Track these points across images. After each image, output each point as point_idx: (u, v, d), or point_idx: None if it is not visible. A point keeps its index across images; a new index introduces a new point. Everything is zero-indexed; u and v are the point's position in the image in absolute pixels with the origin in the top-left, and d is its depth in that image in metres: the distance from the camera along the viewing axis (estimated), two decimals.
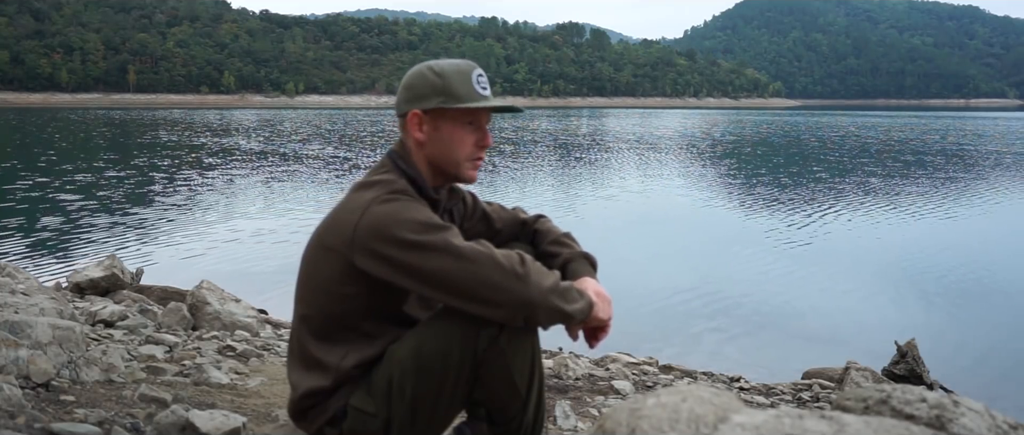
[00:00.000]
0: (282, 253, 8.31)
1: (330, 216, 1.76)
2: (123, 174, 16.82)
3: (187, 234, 9.71)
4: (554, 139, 31.89)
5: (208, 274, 5.04)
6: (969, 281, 7.64)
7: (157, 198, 12.99)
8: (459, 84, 1.75)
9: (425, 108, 1.76)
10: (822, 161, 22.32)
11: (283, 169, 18.41)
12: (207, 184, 15.18)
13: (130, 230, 9.92)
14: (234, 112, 71.46)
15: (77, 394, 2.33)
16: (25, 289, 3.51)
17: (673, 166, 20.83)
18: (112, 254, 5.64)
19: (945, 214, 12.17)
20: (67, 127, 39.29)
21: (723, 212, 12.55)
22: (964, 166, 20.62)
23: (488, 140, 1.82)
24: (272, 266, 7.78)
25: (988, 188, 15.73)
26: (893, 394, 1.15)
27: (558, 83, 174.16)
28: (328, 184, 15.50)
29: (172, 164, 19.35)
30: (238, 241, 9.22)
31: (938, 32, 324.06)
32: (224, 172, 17.55)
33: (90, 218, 10.76)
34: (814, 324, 6.23)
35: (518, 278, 1.61)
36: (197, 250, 8.71)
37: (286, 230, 9.89)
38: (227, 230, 9.96)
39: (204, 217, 11.11)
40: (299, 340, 1.79)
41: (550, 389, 3.38)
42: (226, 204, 12.52)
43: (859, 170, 19.15)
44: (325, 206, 11.24)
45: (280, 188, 14.69)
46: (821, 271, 8.06)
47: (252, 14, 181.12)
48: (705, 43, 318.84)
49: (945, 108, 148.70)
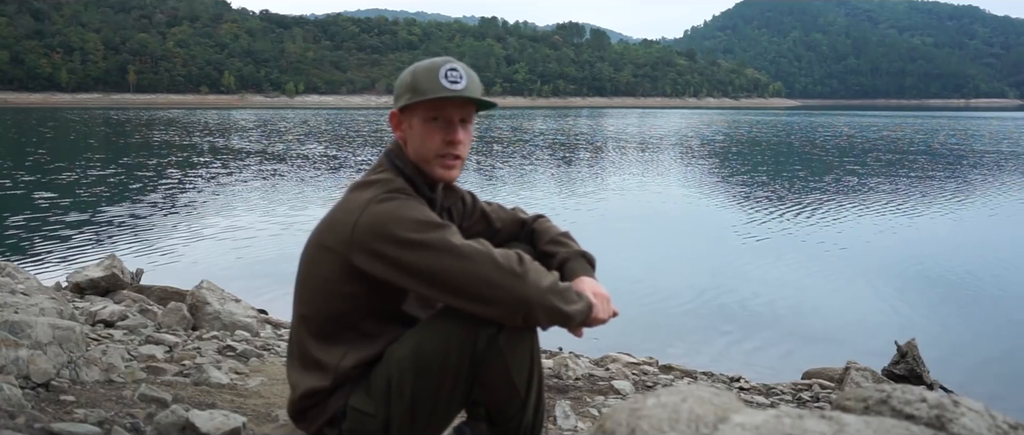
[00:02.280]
0: (282, 253, 8.31)
1: (328, 216, 1.76)
2: (123, 174, 16.82)
3: (187, 234, 9.71)
4: (554, 139, 31.89)
5: (208, 274, 5.03)
6: (969, 281, 7.64)
7: (157, 198, 12.99)
8: (425, 80, 1.73)
9: (400, 106, 1.78)
10: (822, 161, 22.32)
11: (283, 169, 18.41)
12: (207, 184, 15.18)
13: (130, 230, 9.92)
14: (234, 112, 71.45)
15: (77, 394, 2.33)
16: (25, 289, 3.51)
17: (673, 166, 20.82)
18: (112, 254, 5.63)
19: (945, 214, 12.17)
20: (67, 127, 39.29)
21: (723, 212, 12.54)
22: (964, 166, 20.62)
23: (456, 136, 1.75)
24: (272, 266, 7.77)
25: (988, 188, 15.73)
26: (893, 394, 1.15)
27: (558, 83, 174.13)
28: (328, 184, 15.50)
29: (172, 164, 19.35)
30: (238, 241, 9.22)
31: (938, 32, 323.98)
32: (224, 172, 17.55)
33: (90, 218, 10.76)
34: (814, 324, 6.23)
35: (516, 277, 1.61)
36: (197, 250, 8.71)
37: (286, 230, 9.89)
38: (227, 230, 9.96)
39: (204, 217, 11.10)
40: (298, 340, 1.79)
41: (550, 389, 3.38)
42: (226, 204, 12.51)
43: (859, 170, 19.15)
44: (324, 206, 11.23)
45: (280, 188, 14.69)
46: (821, 271, 8.06)
47: (252, 14, 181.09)
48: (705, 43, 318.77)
49: (945, 108, 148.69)
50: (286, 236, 9.42)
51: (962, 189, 15.43)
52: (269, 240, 9.26)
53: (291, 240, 8.98)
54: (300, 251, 1.81)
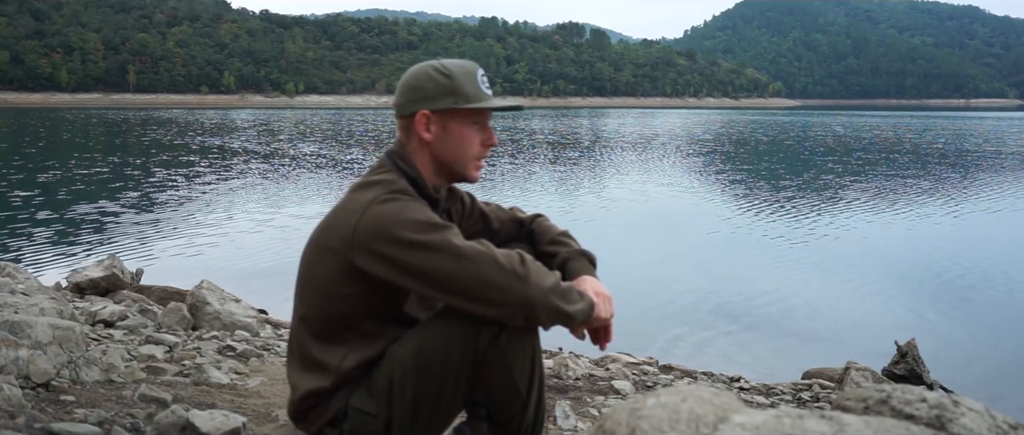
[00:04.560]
0: (282, 253, 8.31)
1: (329, 216, 1.76)
2: (123, 174, 16.82)
3: (187, 234, 9.71)
4: (554, 139, 31.89)
5: (208, 274, 5.03)
6: (969, 281, 7.64)
7: (157, 198, 12.99)
8: (468, 84, 1.76)
9: (435, 108, 1.76)
10: (822, 161, 22.32)
11: (283, 169, 18.41)
12: (207, 184, 15.18)
13: (130, 230, 9.92)
14: (234, 112, 71.44)
15: (77, 394, 2.33)
16: (25, 289, 3.51)
17: (672, 166, 20.83)
18: (112, 254, 5.63)
19: (946, 214, 12.16)
20: (67, 127, 39.29)
21: (723, 212, 12.54)
22: (964, 166, 20.62)
23: (494, 139, 1.84)
24: (272, 266, 7.78)
25: (989, 188, 15.73)
26: (893, 394, 1.15)
27: (558, 83, 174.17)
28: (328, 184, 15.50)
29: (172, 164, 19.35)
30: (238, 241, 9.22)
31: (938, 32, 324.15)
32: (224, 172, 17.55)
33: (90, 218, 10.76)
34: (814, 324, 6.22)
35: (518, 277, 1.61)
36: (197, 250, 8.71)
37: (286, 230, 9.89)
38: (227, 230, 9.96)
39: (204, 217, 11.10)
40: (299, 341, 1.79)
41: (550, 389, 3.38)
42: (226, 204, 12.51)
43: (859, 170, 19.15)
44: (325, 206, 11.23)
45: (280, 188, 14.70)
46: (821, 271, 8.06)
47: (252, 14, 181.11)
48: (705, 43, 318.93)
49: (945, 108, 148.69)
50: (286, 236, 9.42)
51: (962, 189, 15.43)
52: (269, 240, 9.26)
53: (291, 240, 8.98)
54: (300, 251, 1.81)
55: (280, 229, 10.01)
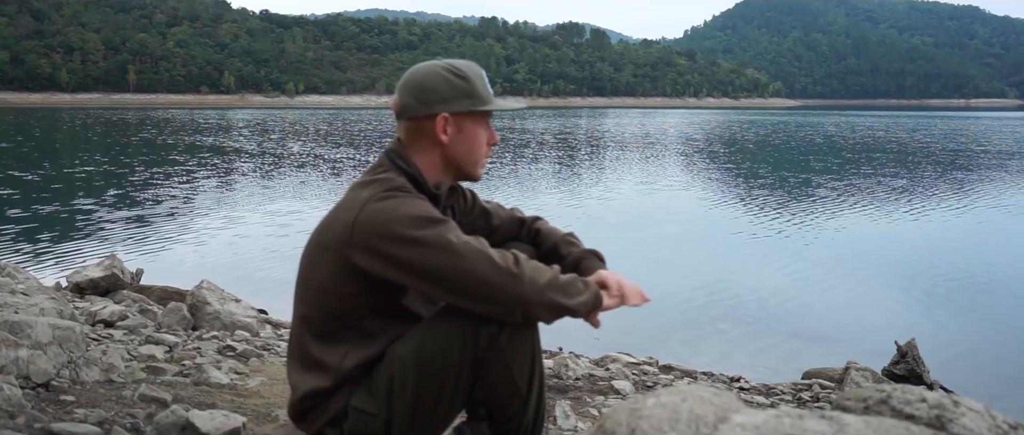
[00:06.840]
0: (282, 253, 8.31)
1: (328, 215, 1.76)
2: (123, 174, 16.81)
3: (187, 234, 9.71)
4: (554, 139, 31.89)
5: (208, 274, 5.03)
6: (970, 281, 7.63)
7: (157, 198, 12.99)
8: (481, 88, 1.81)
9: (453, 111, 1.77)
10: (822, 161, 22.32)
11: (283, 169, 18.41)
12: (207, 184, 15.18)
13: (130, 230, 9.91)
14: (234, 112, 71.45)
15: (77, 394, 2.33)
16: (25, 289, 3.51)
17: (672, 166, 20.82)
18: (112, 254, 5.63)
19: (946, 214, 12.16)
20: (67, 127, 39.28)
21: (723, 212, 12.54)
22: (965, 166, 20.62)
23: (496, 137, 1.90)
24: (272, 266, 7.77)
25: (989, 187, 15.73)
26: (893, 394, 1.16)
27: (558, 83, 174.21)
28: (328, 184, 15.50)
29: (172, 164, 19.34)
30: (238, 241, 9.21)
31: (938, 32, 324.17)
32: (224, 172, 17.55)
33: (90, 218, 10.75)
34: (814, 324, 6.22)
35: (512, 276, 1.62)
36: (197, 250, 8.71)
37: (286, 230, 9.88)
38: (227, 230, 9.96)
39: (204, 217, 11.10)
40: (299, 341, 1.79)
41: (550, 389, 3.38)
42: (226, 204, 12.51)
43: (859, 170, 19.14)
44: (325, 205, 11.23)
45: (280, 188, 14.69)
46: (821, 271, 8.06)
47: (252, 14, 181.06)
48: (705, 43, 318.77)
49: (945, 108, 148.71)
50: (286, 236, 9.42)
51: (963, 188, 15.43)
52: (269, 240, 9.25)
53: (291, 240, 8.98)
54: (300, 251, 1.81)
55: (280, 229, 10.01)
